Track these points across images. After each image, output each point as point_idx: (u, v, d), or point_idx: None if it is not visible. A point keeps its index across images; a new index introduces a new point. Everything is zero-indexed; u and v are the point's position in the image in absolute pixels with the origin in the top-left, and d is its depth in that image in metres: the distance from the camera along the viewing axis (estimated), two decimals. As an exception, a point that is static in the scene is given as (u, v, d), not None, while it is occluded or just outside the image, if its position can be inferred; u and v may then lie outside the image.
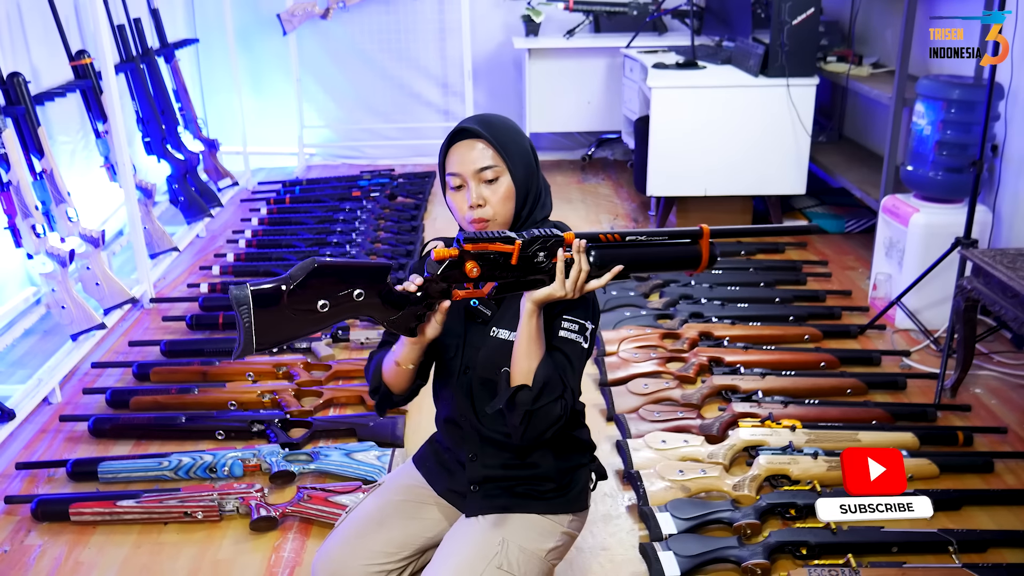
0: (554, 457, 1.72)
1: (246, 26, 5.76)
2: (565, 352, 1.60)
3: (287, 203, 5.01)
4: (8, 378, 3.22)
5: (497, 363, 1.63)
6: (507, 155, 1.61)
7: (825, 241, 4.46)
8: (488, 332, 1.66)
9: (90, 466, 2.59)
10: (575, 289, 1.54)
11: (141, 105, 4.41)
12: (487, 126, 1.62)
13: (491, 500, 1.73)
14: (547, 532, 1.72)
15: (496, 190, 1.61)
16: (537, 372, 1.54)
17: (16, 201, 3.12)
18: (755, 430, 2.64)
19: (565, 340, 1.60)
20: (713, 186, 4.38)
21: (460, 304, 1.66)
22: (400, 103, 5.99)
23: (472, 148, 1.61)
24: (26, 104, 3.24)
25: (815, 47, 4.29)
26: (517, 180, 1.62)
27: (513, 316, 1.62)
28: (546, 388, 1.54)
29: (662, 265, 1.64)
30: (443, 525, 1.78)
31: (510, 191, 1.62)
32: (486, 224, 1.62)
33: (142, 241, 3.90)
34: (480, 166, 1.60)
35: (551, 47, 5.51)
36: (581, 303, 1.61)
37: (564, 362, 1.59)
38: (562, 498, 1.74)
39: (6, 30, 3.58)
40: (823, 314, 3.57)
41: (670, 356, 3.21)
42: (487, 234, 1.51)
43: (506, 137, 1.62)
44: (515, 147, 1.63)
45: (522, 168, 1.63)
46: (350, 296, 1.46)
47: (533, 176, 1.66)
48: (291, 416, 2.86)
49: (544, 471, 1.72)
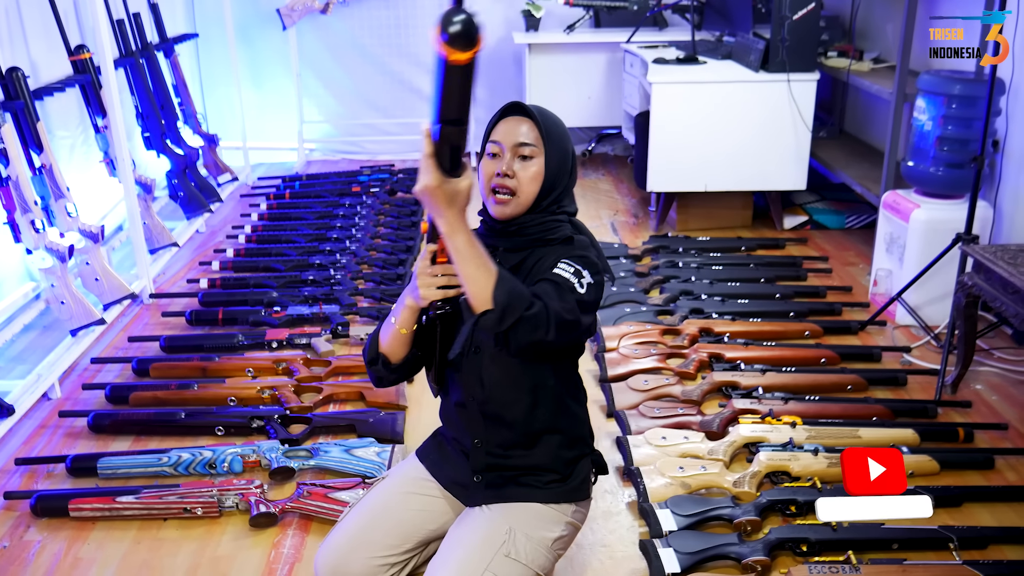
0: (555, 447, 1.74)
1: (246, 21, 5.75)
2: (552, 281, 1.58)
3: (287, 198, 5.01)
4: (7, 373, 3.21)
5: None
6: (547, 141, 1.68)
7: (826, 237, 4.45)
8: None
9: (89, 462, 2.59)
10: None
11: (140, 100, 4.40)
12: (539, 111, 1.71)
13: (494, 490, 1.75)
14: (552, 521, 1.74)
15: (527, 168, 1.68)
16: (495, 292, 1.47)
17: (15, 196, 3.11)
18: (755, 426, 2.63)
19: (555, 275, 1.60)
20: (713, 181, 4.37)
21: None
22: (400, 98, 5.98)
23: (520, 124, 1.69)
24: (25, 99, 3.23)
25: (816, 42, 4.28)
26: (549, 168, 1.68)
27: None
28: (508, 308, 1.47)
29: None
30: (447, 517, 1.80)
31: (539, 174, 1.68)
32: (507, 198, 1.67)
33: (141, 236, 3.89)
34: (521, 141, 1.68)
35: (551, 42, 5.50)
36: (580, 256, 1.65)
37: (546, 288, 1.56)
38: (564, 487, 1.76)
39: (5, 25, 3.57)
40: (824, 310, 3.56)
41: (670, 352, 3.20)
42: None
43: (552, 128, 1.70)
44: (557, 139, 1.70)
45: (556, 159, 1.69)
46: None
47: (564, 174, 1.72)
48: (291, 412, 2.85)
49: (545, 461, 1.74)
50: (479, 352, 1.70)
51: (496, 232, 1.72)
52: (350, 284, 3.78)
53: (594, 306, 1.65)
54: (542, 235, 1.69)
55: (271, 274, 3.91)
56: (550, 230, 1.70)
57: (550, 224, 1.70)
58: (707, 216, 4.54)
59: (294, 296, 3.65)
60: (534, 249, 1.69)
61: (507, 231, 1.71)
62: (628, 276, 3.88)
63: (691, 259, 4.01)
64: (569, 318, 1.55)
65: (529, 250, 1.70)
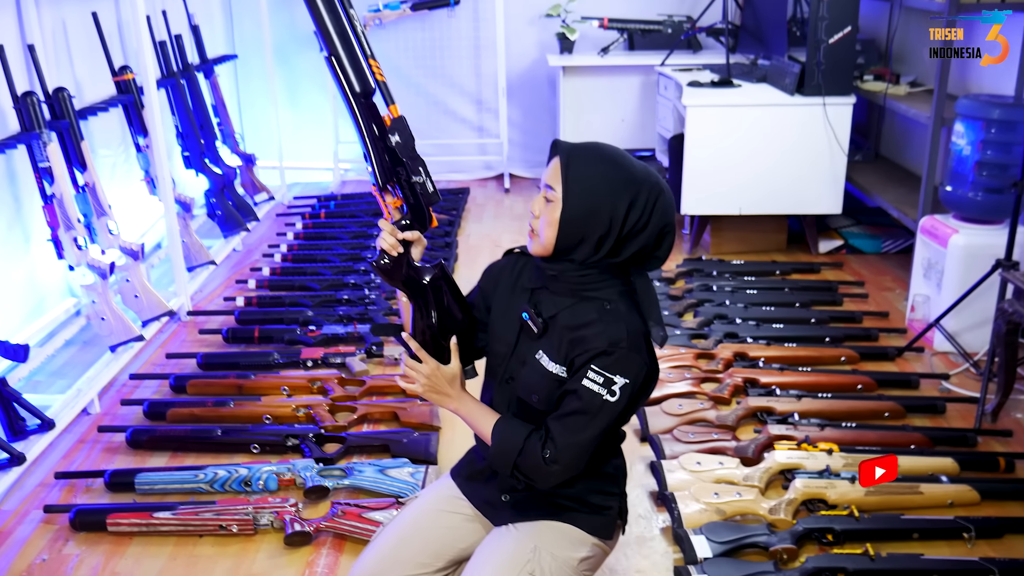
0: (587, 481, 1.73)
1: (283, 42, 5.83)
2: (579, 397, 1.58)
3: (322, 218, 5.06)
4: (48, 388, 3.26)
5: (533, 388, 1.67)
6: (567, 187, 1.58)
7: (861, 261, 4.42)
8: (535, 351, 1.67)
9: (127, 477, 2.62)
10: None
11: (181, 120, 4.47)
12: (572, 152, 1.60)
13: (521, 510, 1.75)
14: (579, 541, 1.73)
15: (547, 211, 1.61)
16: (492, 443, 1.67)
17: (59, 213, 3.17)
18: (791, 453, 2.61)
19: (585, 388, 1.58)
20: (748, 205, 4.36)
21: (515, 314, 1.71)
22: (434, 120, 6.03)
23: (555, 163, 1.61)
24: (70, 119, 3.29)
25: (852, 65, 4.27)
26: (566, 214, 1.58)
27: (556, 345, 1.64)
28: (498, 459, 1.66)
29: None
30: (478, 536, 1.80)
31: (555, 220, 1.59)
32: (531, 236, 1.65)
33: (180, 254, 3.94)
34: (546, 182, 1.62)
35: (585, 65, 5.52)
36: (618, 354, 1.58)
37: (566, 421, 1.59)
38: (591, 517, 1.75)
39: (52, 46, 3.65)
40: (860, 335, 3.53)
41: (705, 376, 3.19)
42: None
43: (582, 172, 1.58)
44: (582, 185, 1.57)
45: (579, 207, 1.57)
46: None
47: (593, 224, 1.57)
48: (325, 431, 2.87)
49: (575, 492, 1.73)
50: (512, 382, 1.71)
51: (540, 272, 1.69)
52: (384, 304, 3.80)
53: (636, 401, 1.63)
54: (579, 291, 1.63)
55: (306, 293, 3.95)
56: (587, 287, 1.63)
57: (589, 280, 1.63)
58: (741, 239, 4.52)
59: (329, 315, 3.68)
60: (574, 305, 1.63)
61: (548, 275, 1.67)
62: (662, 299, 3.87)
63: (725, 283, 4.00)
64: (582, 453, 1.61)
65: (571, 300, 1.64)
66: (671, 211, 1.62)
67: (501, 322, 1.74)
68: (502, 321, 1.74)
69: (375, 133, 1.61)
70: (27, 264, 3.48)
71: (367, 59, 1.60)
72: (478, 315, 1.79)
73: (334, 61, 1.58)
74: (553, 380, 1.63)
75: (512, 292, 1.75)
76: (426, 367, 1.69)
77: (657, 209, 1.59)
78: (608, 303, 1.61)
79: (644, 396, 1.66)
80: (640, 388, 1.62)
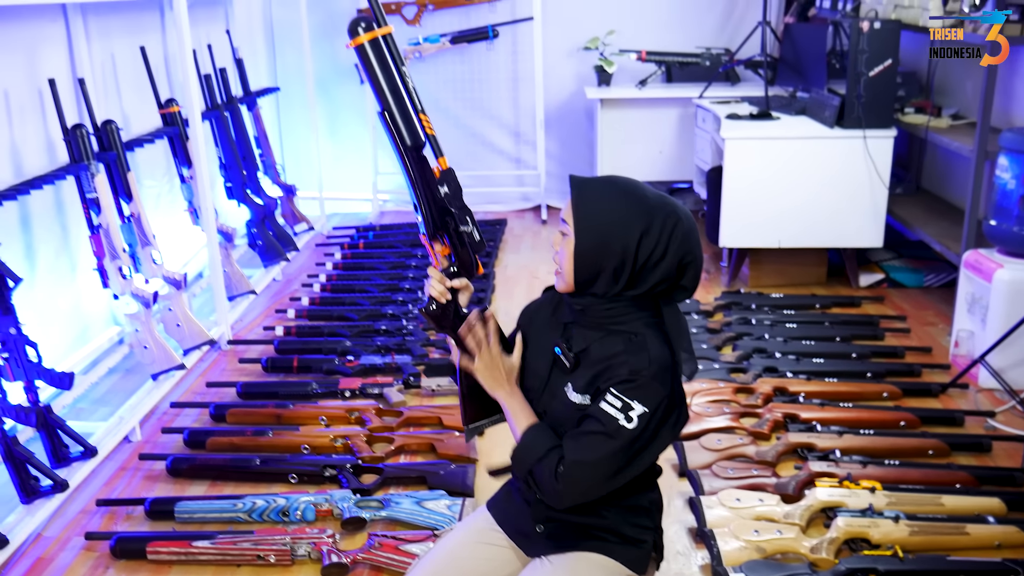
0: (620, 512, 1.72)
1: (325, 75, 5.92)
2: (595, 418, 1.59)
3: (361, 248, 5.10)
4: (91, 415, 3.30)
5: (561, 420, 1.68)
6: (577, 220, 1.61)
7: (903, 295, 4.36)
8: (564, 384, 1.68)
9: (167, 505, 2.64)
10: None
11: (224, 151, 4.54)
12: (582, 186, 1.63)
13: (556, 541, 1.74)
14: (614, 573, 1.71)
15: (564, 246, 1.65)
16: (518, 442, 1.69)
17: (105, 243, 3.23)
18: (833, 490, 2.57)
19: (601, 411, 1.59)
20: (787, 238, 4.33)
21: (549, 348, 1.73)
22: (472, 151, 6.07)
23: (569, 200, 1.64)
24: (118, 150, 3.36)
25: (892, 98, 4.24)
26: (579, 249, 1.61)
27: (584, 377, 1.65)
28: (518, 460, 1.67)
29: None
30: (513, 567, 1.80)
31: (570, 254, 1.63)
32: (557, 273, 1.69)
33: (221, 284, 3.99)
34: (561, 217, 1.66)
35: (623, 97, 5.54)
36: (639, 382, 1.58)
37: (582, 440, 1.59)
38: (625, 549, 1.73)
39: (101, 80, 3.74)
40: (902, 371, 3.48)
41: (744, 411, 3.15)
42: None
43: (590, 205, 1.60)
44: (592, 220, 1.60)
45: (590, 240, 1.60)
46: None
47: (607, 255, 1.59)
48: (363, 462, 2.88)
49: (609, 523, 1.72)
50: (545, 416, 1.72)
51: (570, 307, 1.71)
52: (422, 335, 3.82)
53: (655, 433, 1.61)
54: (606, 324, 1.65)
55: (345, 323, 3.98)
56: (614, 320, 1.64)
57: (616, 313, 1.64)
58: (780, 272, 4.49)
59: (367, 345, 3.70)
60: (603, 338, 1.65)
61: (575, 310, 1.69)
62: (700, 332, 3.85)
63: (764, 316, 3.97)
64: (591, 474, 1.60)
65: (599, 335, 1.66)
66: (691, 240, 1.61)
67: (536, 357, 1.77)
68: (537, 356, 1.77)
69: (425, 185, 1.68)
70: (73, 293, 3.54)
71: (418, 114, 1.68)
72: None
73: (387, 117, 1.66)
74: (576, 410, 1.65)
75: (547, 328, 1.78)
76: (494, 348, 1.73)
77: (674, 238, 1.58)
78: (635, 335, 1.63)
79: (669, 431, 1.64)
80: (661, 420, 1.61)
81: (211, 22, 4.86)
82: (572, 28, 5.77)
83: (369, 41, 1.64)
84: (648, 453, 1.63)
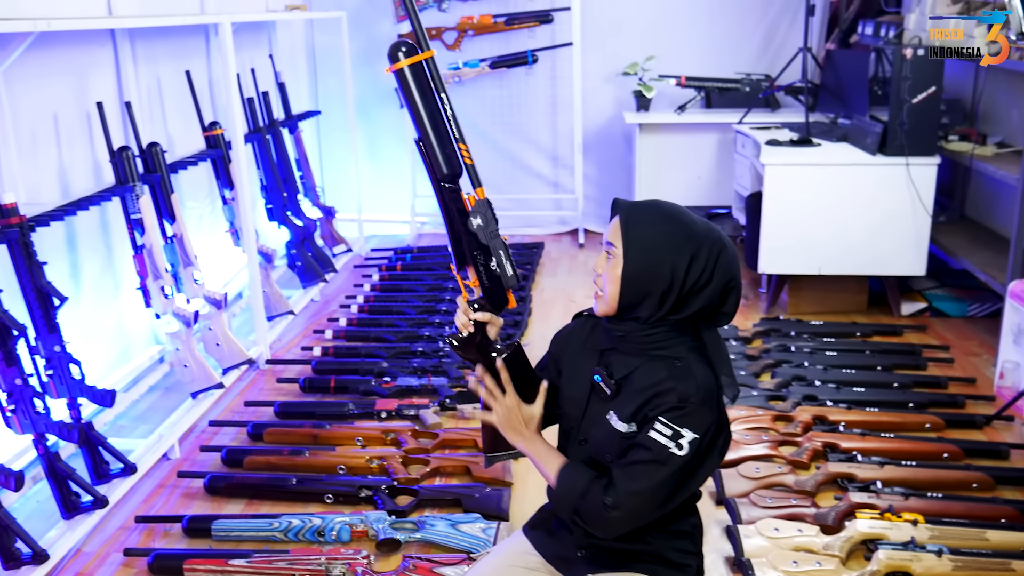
0: (664, 537, 1.70)
1: (365, 97, 5.98)
2: (645, 447, 1.58)
3: (398, 270, 5.13)
4: (131, 432, 3.34)
5: (605, 448, 1.66)
6: (627, 243, 1.60)
7: (946, 325, 4.30)
8: (606, 412, 1.66)
9: (205, 523, 2.66)
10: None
11: (265, 173, 4.60)
12: (631, 210, 1.63)
13: (598, 565, 1.72)
14: None
15: (609, 269, 1.64)
16: (555, 486, 1.67)
17: (148, 263, 3.28)
18: (874, 522, 2.53)
19: (651, 440, 1.57)
20: (827, 264, 4.29)
21: (586, 376, 1.71)
22: (510, 175, 6.09)
23: (616, 222, 1.64)
24: (162, 172, 3.42)
25: (936, 126, 4.20)
26: (627, 271, 1.60)
27: (626, 404, 1.63)
28: (559, 502, 1.66)
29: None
30: None
31: (617, 277, 1.62)
32: (597, 298, 1.67)
33: (261, 304, 4.03)
34: (607, 239, 1.65)
35: (662, 122, 5.54)
36: (688, 408, 1.57)
37: (632, 469, 1.58)
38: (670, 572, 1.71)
39: (147, 103, 3.81)
40: (945, 402, 3.42)
41: (782, 439, 3.11)
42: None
43: (640, 230, 1.60)
44: (641, 241, 1.60)
45: (638, 264, 1.59)
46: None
47: (655, 279, 1.59)
48: (398, 483, 2.88)
49: (652, 548, 1.70)
50: (585, 443, 1.71)
51: (609, 333, 1.70)
52: (458, 357, 3.82)
53: (703, 458, 1.60)
54: (651, 348, 1.64)
55: (382, 344, 4.00)
56: (656, 346, 1.63)
57: (658, 339, 1.63)
58: (820, 300, 4.44)
59: (404, 367, 3.72)
60: (644, 364, 1.64)
61: (616, 336, 1.68)
62: (739, 359, 3.81)
63: (804, 343, 3.92)
64: (643, 503, 1.58)
65: (641, 360, 1.64)
66: (735, 266, 1.62)
67: (572, 385, 1.76)
68: (572, 384, 1.76)
69: (456, 217, 1.67)
70: (116, 312, 3.60)
71: (456, 142, 1.65)
72: (550, 380, 1.80)
73: (423, 145, 1.64)
74: (622, 438, 1.63)
75: (581, 354, 1.77)
76: (509, 399, 1.72)
77: (720, 264, 1.59)
78: (678, 360, 1.62)
79: (716, 455, 1.64)
80: (708, 444, 1.60)
81: (255, 47, 4.94)
82: (611, 54, 5.79)
83: (409, 66, 1.62)
84: (697, 478, 1.62)
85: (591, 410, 1.71)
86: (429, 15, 5.81)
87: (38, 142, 3.13)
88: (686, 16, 5.76)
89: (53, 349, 2.70)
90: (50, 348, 2.70)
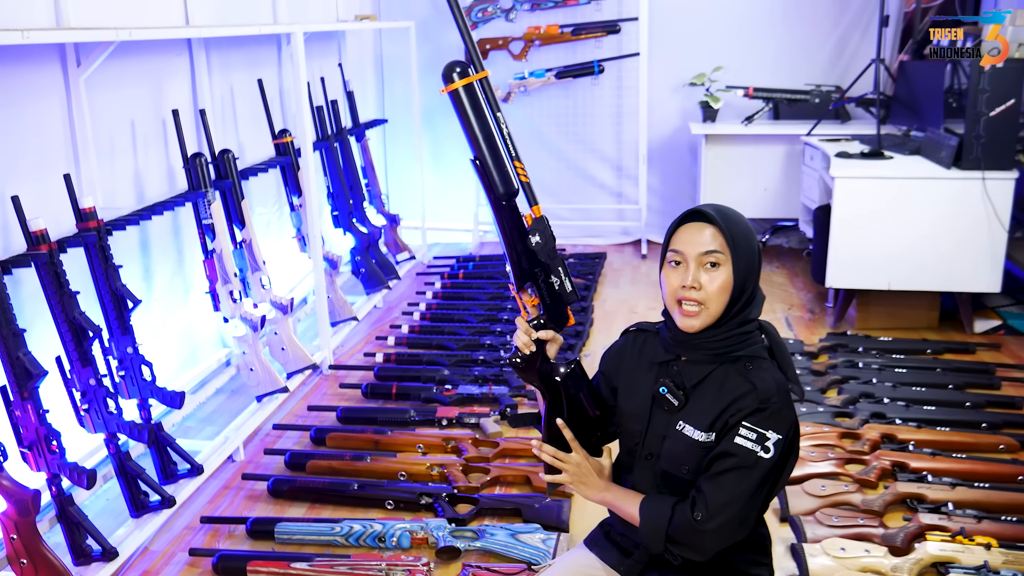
0: (736, 547, 1.66)
1: (431, 107, 6.03)
2: (730, 455, 1.57)
3: (460, 278, 5.15)
4: (198, 433, 3.40)
5: (681, 460, 1.64)
6: (734, 247, 1.60)
7: (1022, 344, 4.16)
8: (675, 424, 1.64)
9: (268, 525, 2.70)
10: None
11: (332, 181, 4.66)
12: (722, 215, 1.62)
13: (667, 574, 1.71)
14: None
15: (714, 278, 1.61)
16: (640, 523, 1.65)
17: (218, 268, 3.34)
18: (945, 545, 2.46)
19: (737, 446, 1.56)
20: (898, 280, 4.19)
21: (645, 390, 1.70)
22: (574, 184, 6.09)
23: (702, 231, 1.62)
24: (233, 179, 3.48)
25: (1014, 139, 4.07)
26: (737, 275, 1.60)
27: (701, 412, 1.60)
28: (649, 535, 1.63)
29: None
30: None
31: (727, 283, 1.60)
32: (695, 310, 1.62)
33: (325, 310, 4.08)
34: (705, 249, 1.61)
35: (728, 133, 5.48)
36: (771, 409, 1.57)
37: (720, 480, 1.57)
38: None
39: (220, 111, 3.89)
40: (1020, 423, 3.31)
41: (849, 457, 3.05)
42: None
43: (737, 230, 1.61)
44: (743, 242, 1.61)
45: (744, 265, 1.61)
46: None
47: (753, 276, 1.63)
48: (458, 491, 2.88)
49: (723, 559, 1.67)
50: (652, 458, 1.69)
51: (678, 342, 1.68)
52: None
53: (786, 459, 1.61)
54: (726, 351, 1.63)
55: (443, 352, 4.01)
56: (735, 346, 1.63)
57: (735, 339, 1.63)
58: (890, 315, 4.34)
59: (465, 375, 3.73)
60: (716, 370, 1.63)
61: (690, 343, 1.66)
62: (804, 374, 3.75)
63: (872, 360, 3.84)
64: (738, 513, 1.57)
65: (714, 365, 1.64)
66: None
67: (631, 400, 1.74)
68: (631, 399, 1.74)
69: (515, 235, 1.67)
70: (185, 315, 3.67)
71: (512, 161, 1.66)
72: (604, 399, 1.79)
73: (479, 164, 1.66)
74: (700, 448, 1.61)
75: (637, 369, 1.75)
76: (576, 456, 1.71)
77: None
78: (749, 362, 1.62)
79: (794, 456, 1.64)
80: (790, 444, 1.60)
81: (324, 56, 5.02)
82: (678, 64, 5.75)
83: (464, 87, 1.63)
84: (782, 480, 1.61)
85: (654, 423, 1.69)
86: (496, 25, 5.84)
87: (116, 148, 3.22)
88: (754, 27, 5.70)
89: (126, 351, 2.77)
90: (123, 350, 2.76)
